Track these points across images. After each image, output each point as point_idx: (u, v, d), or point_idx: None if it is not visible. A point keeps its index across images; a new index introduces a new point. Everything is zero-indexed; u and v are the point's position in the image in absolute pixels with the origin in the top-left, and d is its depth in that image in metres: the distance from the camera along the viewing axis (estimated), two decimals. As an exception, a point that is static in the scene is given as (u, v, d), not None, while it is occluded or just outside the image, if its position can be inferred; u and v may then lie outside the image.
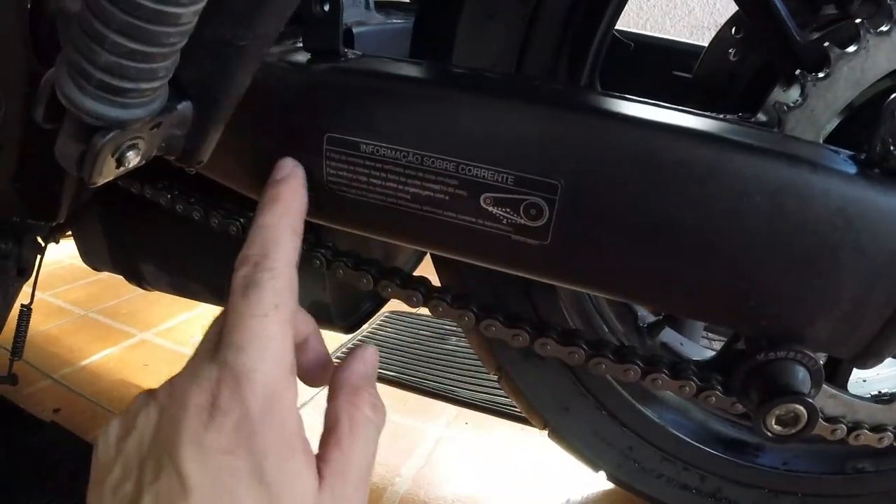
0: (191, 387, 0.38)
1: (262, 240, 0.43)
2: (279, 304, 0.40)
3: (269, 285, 0.40)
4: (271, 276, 0.41)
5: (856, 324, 0.45)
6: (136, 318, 1.55)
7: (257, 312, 0.39)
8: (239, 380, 0.37)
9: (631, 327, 0.83)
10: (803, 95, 0.56)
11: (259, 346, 0.38)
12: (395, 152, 0.45)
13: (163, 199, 0.74)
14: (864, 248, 0.42)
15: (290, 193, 0.46)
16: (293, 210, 0.46)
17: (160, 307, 1.59)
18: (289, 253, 0.43)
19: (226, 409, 0.37)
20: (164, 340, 1.46)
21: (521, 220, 0.44)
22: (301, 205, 0.47)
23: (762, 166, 0.42)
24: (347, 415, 0.42)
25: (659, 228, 0.43)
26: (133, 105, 0.38)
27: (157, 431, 0.39)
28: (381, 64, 0.48)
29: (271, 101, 0.48)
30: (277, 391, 0.38)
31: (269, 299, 0.40)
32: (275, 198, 0.46)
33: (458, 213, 0.46)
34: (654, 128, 0.43)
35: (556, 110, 0.44)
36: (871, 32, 0.54)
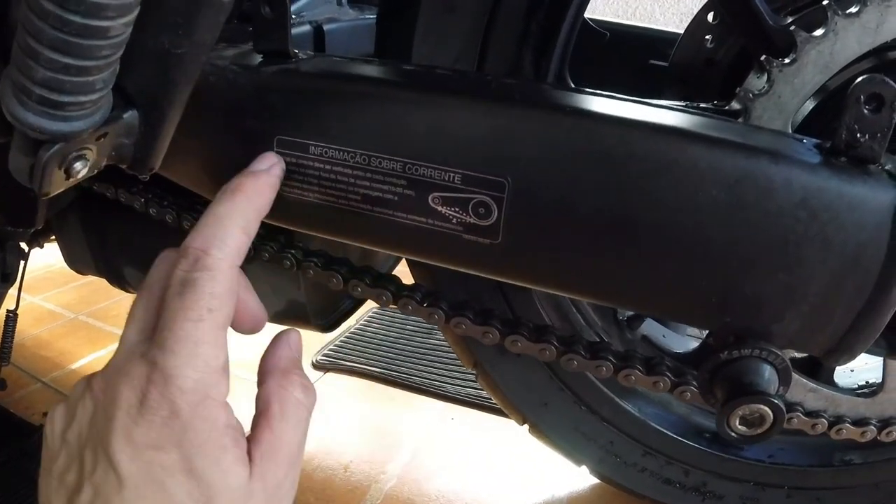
0: (121, 383, 0.38)
1: (208, 233, 0.41)
2: (214, 309, 0.39)
3: (206, 288, 0.39)
4: (210, 278, 0.39)
5: (825, 319, 0.43)
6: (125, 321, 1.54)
7: (191, 316, 0.38)
8: (168, 381, 0.37)
9: (609, 321, 0.82)
10: (770, 81, 0.55)
11: (190, 351, 0.38)
12: (343, 153, 0.44)
13: (137, 203, 0.74)
14: (830, 241, 0.41)
15: (254, 189, 0.44)
16: (251, 207, 0.44)
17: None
18: (233, 254, 0.41)
19: (155, 407, 0.37)
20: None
21: (470, 219, 0.44)
22: (262, 204, 0.44)
23: (719, 158, 0.41)
24: (278, 398, 0.42)
25: (612, 225, 0.42)
26: (74, 118, 0.38)
27: (92, 423, 0.39)
28: (328, 64, 0.48)
29: (222, 104, 0.47)
30: (207, 390, 0.38)
31: (204, 302, 0.39)
32: (237, 189, 0.44)
33: (409, 214, 0.45)
34: (603, 120, 0.42)
35: (501, 106, 0.43)
36: (840, 14, 0.53)
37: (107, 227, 0.94)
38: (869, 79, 0.40)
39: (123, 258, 0.94)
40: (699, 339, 1.27)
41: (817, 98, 0.62)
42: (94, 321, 1.54)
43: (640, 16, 2.52)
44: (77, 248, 0.99)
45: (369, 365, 1.31)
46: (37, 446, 1.05)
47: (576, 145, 0.41)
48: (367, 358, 1.34)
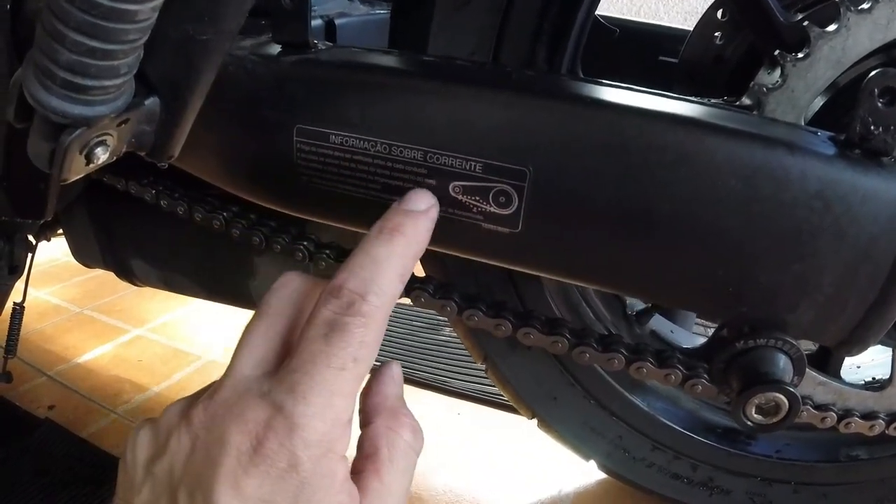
0: (232, 423, 0.35)
1: (365, 276, 0.38)
2: (360, 360, 0.36)
3: (357, 335, 0.36)
4: (363, 325, 0.37)
5: (839, 310, 0.44)
6: (130, 315, 1.54)
7: (334, 363, 0.35)
8: (293, 430, 0.34)
9: (619, 315, 0.82)
10: (783, 76, 0.55)
11: (324, 402, 0.35)
12: (364, 142, 0.44)
13: (147, 194, 0.74)
14: (844, 232, 0.41)
15: (414, 232, 0.41)
16: (409, 252, 0.40)
17: (155, 303, 1.58)
18: (389, 303, 0.38)
19: (272, 458, 0.34)
20: (158, 336, 1.45)
21: (490, 208, 0.44)
22: (419, 250, 0.41)
23: (735, 149, 0.41)
24: (387, 441, 0.40)
25: (630, 215, 0.43)
26: (97, 102, 0.38)
27: (189, 462, 0.36)
28: (348, 54, 0.48)
29: (241, 94, 0.47)
30: (331, 444, 0.35)
31: (351, 351, 0.36)
32: (395, 230, 0.40)
33: None
34: (622, 111, 0.42)
35: (522, 96, 0.43)
36: (852, 10, 0.54)
37: (115, 219, 0.94)
38: (883, 72, 0.41)
39: (131, 251, 0.94)
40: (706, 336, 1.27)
41: (828, 94, 0.62)
42: (100, 315, 1.54)
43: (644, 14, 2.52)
44: (84, 240, 0.99)
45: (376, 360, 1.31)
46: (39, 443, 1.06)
47: (595, 135, 0.42)
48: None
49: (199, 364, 1.34)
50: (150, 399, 1.22)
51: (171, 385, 1.26)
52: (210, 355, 1.37)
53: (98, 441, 1.09)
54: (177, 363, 1.33)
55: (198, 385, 1.31)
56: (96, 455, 1.05)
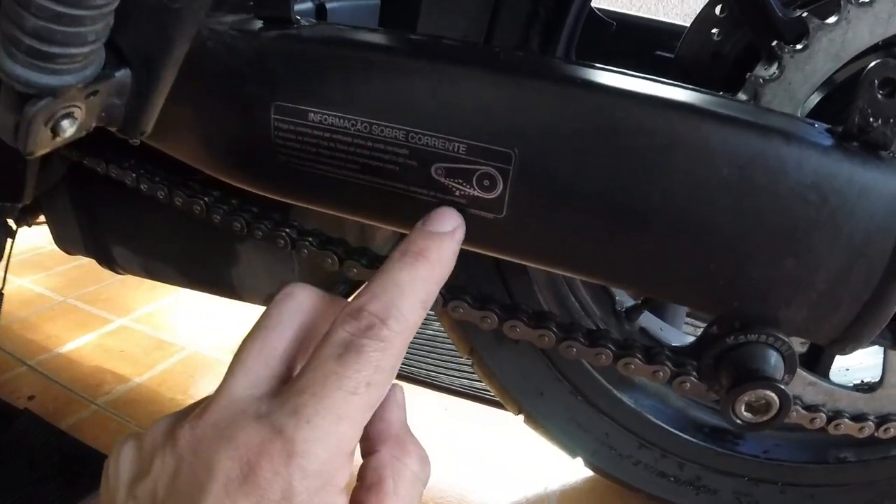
0: (221, 447, 0.33)
1: (387, 300, 0.36)
2: (373, 385, 0.34)
3: (373, 359, 0.34)
4: (381, 350, 0.35)
5: (833, 307, 0.43)
6: (114, 304, 1.52)
7: (346, 386, 0.33)
8: (291, 457, 0.32)
9: (608, 311, 0.82)
10: (780, 68, 0.54)
11: (330, 427, 0.33)
12: (343, 121, 0.42)
13: (128, 178, 0.72)
14: (840, 227, 0.40)
15: (439, 257, 0.39)
16: (434, 278, 0.38)
17: (140, 292, 1.56)
18: (409, 330, 0.36)
19: (263, 487, 0.31)
20: (142, 326, 1.43)
21: (474, 191, 0.42)
22: (444, 275, 0.39)
23: (730, 136, 0.40)
24: (392, 471, 0.37)
25: (618, 202, 0.41)
26: (64, 71, 0.36)
27: (173, 486, 0.34)
28: (330, 31, 0.46)
29: (220, 69, 0.46)
30: (331, 476, 0.33)
31: (366, 374, 0.34)
32: (421, 254, 0.38)
33: (410, 185, 0.43)
34: (613, 93, 0.41)
35: (509, 76, 0.42)
36: (853, 3, 0.53)
37: (97, 204, 0.92)
38: (883, 63, 0.40)
39: (113, 237, 0.92)
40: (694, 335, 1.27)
41: (825, 90, 0.61)
42: (83, 304, 1.52)
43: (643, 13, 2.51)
44: (66, 226, 0.97)
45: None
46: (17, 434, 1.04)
47: (584, 118, 0.40)
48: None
49: (182, 355, 1.32)
50: (131, 390, 1.20)
51: (153, 376, 1.24)
52: (194, 346, 1.35)
53: (77, 433, 1.07)
54: (160, 354, 1.32)
55: (181, 376, 1.30)
56: (75, 447, 1.03)
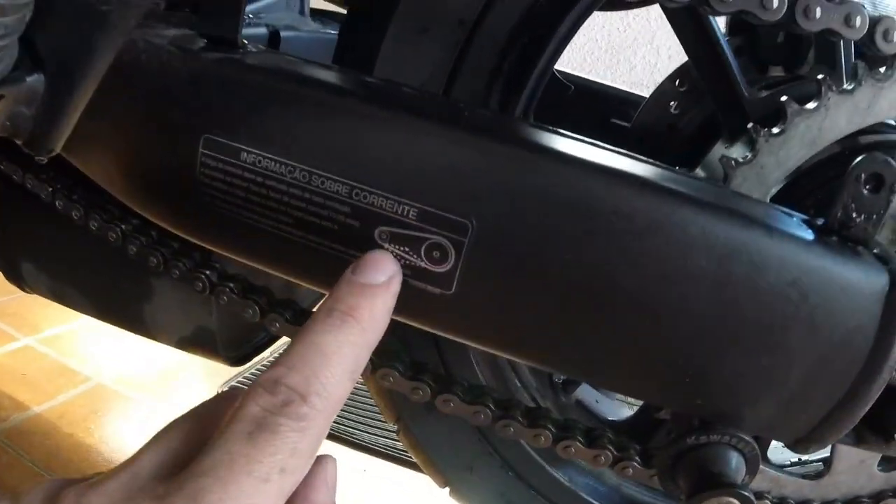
0: None
1: (308, 372, 0.31)
2: (288, 471, 0.29)
3: (289, 440, 0.29)
4: (298, 431, 0.30)
5: (802, 407, 0.40)
6: (21, 321, 1.42)
7: (256, 472, 0.28)
8: None
9: (545, 383, 0.79)
10: (754, 151, 0.52)
11: None
12: (280, 166, 0.37)
13: (44, 191, 0.65)
14: (818, 325, 0.38)
15: (372, 316, 0.34)
16: (364, 343, 0.33)
17: (51, 310, 1.44)
18: (333, 407, 0.32)
19: None
20: (48, 349, 1.33)
21: (421, 262, 0.37)
22: (376, 339, 0.34)
23: (711, 225, 0.37)
24: None
25: (586, 288, 0.37)
26: None
27: None
28: (277, 61, 0.41)
29: (150, 88, 0.40)
30: None
31: (279, 459, 0.29)
32: (350, 313, 0.33)
33: (348, 247, 0.38)
34: (590, 169, 0.37)
35: (473, 136, 0.37)
36: (834, 90, 0.52)
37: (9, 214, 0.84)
38: (871, 157, 0.38)
39: (23, 252, 0.84)
40: (630, 406, 1.25)
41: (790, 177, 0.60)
42: (-13, 319, 1.41)
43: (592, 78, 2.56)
44: (-29, 233, 0.88)
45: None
46: None
47: (555, 191, 0.36)
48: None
49: (87, 387, 1.23)
50: (28, 420, 1.11)
51: (53, 406, 1.15)
52: (100, 378, 1.26)
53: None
54: (63, 382, 1.22)
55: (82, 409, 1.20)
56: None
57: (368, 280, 0.35)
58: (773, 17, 0.47)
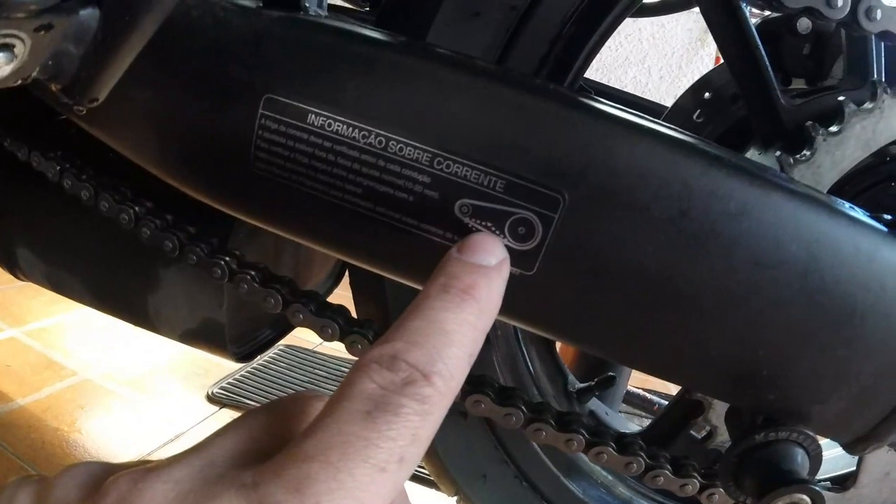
0: None
1: (431, 349, 0.28)
2: (406, 460, 0.25)
3: (410, 425, 0.25)
4: (420, 414, 0.26)
5: (868, 403, 0.39)
6: (7, 312, 1.38)
7: (374, 458, 0.24)
8: None
9: (560, 391, 0.78)
10: (812, 150, 0.51)
11: None
12: (353, 130, 0.34)
13: (51, 170, 0.61)
14: (893, 317, 0.37)
15: (489, 297, 0.31)
16: (483, 325, 0.30)
17: (38, 303, 1.41)
18: (454, 390, 0.28)
19: None
20: (34, 341, 1.29)
21: (504, 239, 0.34)
22: (492, 319, 0.31)
23: (801, 210, 0.36)
24: None
25: (676, 274, 0.35)
26: None
27: None
28: (349, 25, 0.38)
29: (203, 43, 0.37)
30: None
31: (399, 447, 0.25)
32: (468, 292, 0.30)
33: (422, 222, 0.35)
34: (687, 149, 0.35)
35: (570, 109, 0.35)
36: (888, 93, 0.52)
37: (8, 195, 0.80)
38: None
39: (21, 236, 0.80)
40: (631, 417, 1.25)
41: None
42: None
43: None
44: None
45: (270, 405, 1.19)
46: None
47: (653, 168, 0.34)
48: (269, 398, 1.22)
49: (73, 381, 1.19)
50: (12, 412, 1.07)
51: (39, 399, 1.12)
52: (87, 373, 1.22)
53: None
54: (49, 375, 1.19)
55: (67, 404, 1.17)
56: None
57: (480, 261, 0.32)
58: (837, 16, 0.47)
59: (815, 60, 0.82)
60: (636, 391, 1.26)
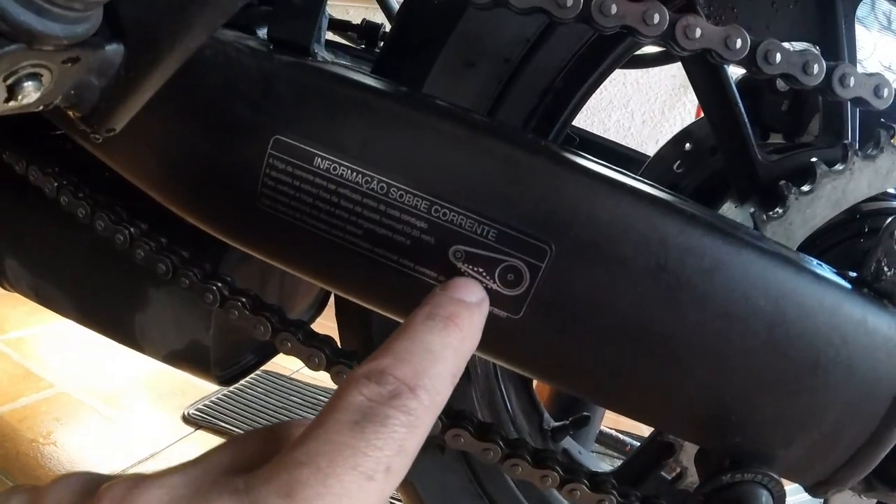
0: None
1: (418, 365, 0.29)
2: (392, 470, 0.26)
3: (396, 436, 0.27)
4: (406, 426, 0.27)
5: (830, 448, 0.42)
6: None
7: (362, 467, 0.25)
8: None
9: (535, 428, 0.79)
10: (784, 207, 0.53)
11: None
12: (357, 175, 0.36)
13: (48, 186, 0.62)
14: (854, 370, 0.40)
15: (470, 327, 0.33)
16: (465, 351, 0.32)
17: (18, 312, 1.40)
18: (439, 406, 0.30)
19: None
20: (11, 351, 1.28)
21: (493, 284, 0.37)
22: (472, 349, 0.33)
23: (769, 267, 0.39)
24: None
25: (652, 323, 0.38)
26: (52, 15, 0.28)
27: None
28: (357, 73, 0.40)
29: (216, 81, 0.39)
30: None
31: (386, 456, 0.26)
32: (452, 319, 0.32)
33: (417, 265, 0.37)
34: (666, 208, 0.38)
35: (560, 165, 0.37)
36: (859, 155, 0.54)
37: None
38: None
39: (7, 246, 0.80)
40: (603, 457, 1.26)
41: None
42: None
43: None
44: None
45: (243, 430, 1.19)
46: None
47: (635, 225, 0.37)
48: (243, 422, 1.22)
49: (49, 393, 1.18)
50: (-14, 422, 1.07)
51: (13, 409, 1.11)
52: (64, 386, 1.22)
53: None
54: (26, 386, 1.18)
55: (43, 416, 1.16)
56: None
57: (463, 296, 0.34)
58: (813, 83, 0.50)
59: (793, 117, 0.85)
60: (609, 431, 1.27)
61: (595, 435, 1.09)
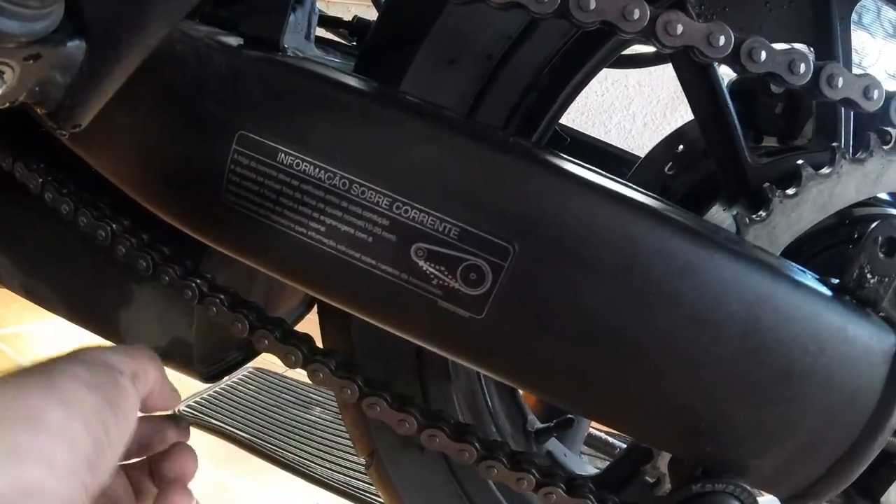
0: None
1: None
2: None
3: None
4: None
5: (806, 460, 0.41)
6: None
7: None
8: None
9: (519, 430, 0.78)
10: (768, 211, 0.52)
11: None
12: (320, 171, 0.36)
13: (33, 182, 0.62)
14: (832, 380, 0.39)
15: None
16: None
17: (12, 310, 1.40)
18: None
19: None
20: (5, 347, 1.28)
21: (455, 283, 0.36)
22: None
23: (743, 271, 0.38)
24: None
25: (617, 326, 0.37)
26: (9, 13, 0.29)
27: None
28: (325, 68, 0.40)
29: (185, 78, 0.39)
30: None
31: None
32: None
33: (379, 262, 0.37)
34: (635, 208, 0.37)
35: (525, 163, 0.37)
36: (847, 158, 0.53)
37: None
38: (889, 223, 0.41)
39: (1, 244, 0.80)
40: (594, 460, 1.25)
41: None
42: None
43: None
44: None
45: (236, 428, 1.19)
46: None
47: (601, 225, 0.36)
48: (234, 420, 1.22)
49: (43, 390, 1.16)
50: (-25, 421, 1.04)
51: (2, 408, 1.08)
52: (54, 383, 1.19)
53: None
54: (18, 383, 1.15)
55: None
56: None
57: None
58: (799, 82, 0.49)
59: (787, 120, 0.83)
60: (598, 434, 1.26)
61: (583, 437, 1.08)
